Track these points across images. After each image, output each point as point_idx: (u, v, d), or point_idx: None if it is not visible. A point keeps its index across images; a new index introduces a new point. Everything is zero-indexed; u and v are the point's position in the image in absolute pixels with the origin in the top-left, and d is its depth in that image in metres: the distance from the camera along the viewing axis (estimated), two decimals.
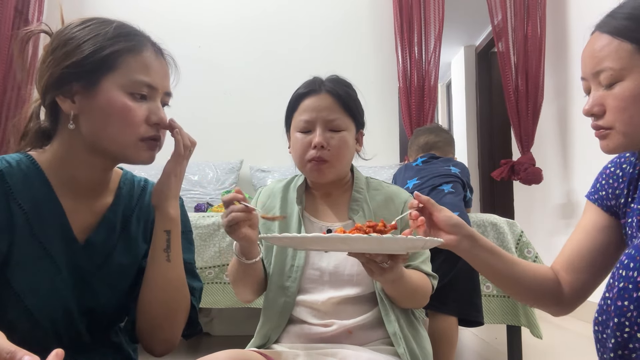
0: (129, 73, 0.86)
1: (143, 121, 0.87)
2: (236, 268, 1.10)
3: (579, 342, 2.62)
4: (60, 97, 0.85)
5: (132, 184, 1.00)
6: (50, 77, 0.84)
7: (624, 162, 0.95)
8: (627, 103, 0.80)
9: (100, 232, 0.91)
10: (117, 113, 0.85)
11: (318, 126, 1.13)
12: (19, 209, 0.83)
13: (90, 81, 0.84)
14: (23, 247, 0.82)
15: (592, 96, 0.85)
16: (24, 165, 0.87)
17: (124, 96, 0.85)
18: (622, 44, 0.80)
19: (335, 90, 1.15)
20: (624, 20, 0.81)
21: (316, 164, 1.13)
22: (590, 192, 1.00)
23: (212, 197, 3.24)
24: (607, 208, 0.96)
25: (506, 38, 3.57)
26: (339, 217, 1.18)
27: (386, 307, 1.09)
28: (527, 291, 0.97)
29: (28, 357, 0.56)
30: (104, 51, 0.84)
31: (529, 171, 3.46)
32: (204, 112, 3.59)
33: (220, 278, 2.03)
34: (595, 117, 0.85)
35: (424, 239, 0.89)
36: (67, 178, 0.89)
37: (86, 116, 0.85)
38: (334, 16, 3.81)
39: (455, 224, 0.91)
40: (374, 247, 0.88)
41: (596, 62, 0.83)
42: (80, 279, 0.88)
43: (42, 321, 0.82)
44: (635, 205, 0.88)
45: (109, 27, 0.87)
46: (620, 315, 0.73)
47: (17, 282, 0.81)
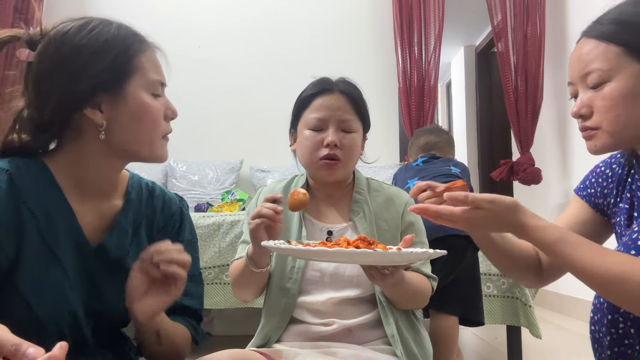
0: (146, 73, 0.86)
1: (163, 118, 0.89)
2: (242, 272, 1.10)
3: (578, 342, 2.63)
4: (88, 109, 0.82)
5: (140, 187, 0.98)
6: (73, 91, 0.81)
7: (614, 162, 0.97)
8: (615, 102, 0.82)
9: (112, 236, 0.90)
10: (147, 114, 0.85)
11: (331, 125, 1.13)
12: (29, 212, 0.82)
13: (117, 88, 0.83)
14: (32, 252, 0.81)
15: (580, 98, 0.87)
16: (34, 169, 0.85)
17: (149, 97, 0.86)
18: (609, 46, 0.82)
19: (348, 91, 1.16)
20: (610, 24, 0.84)
21: (328, 162, 1.12)
22: (580, 187, 1.02)
23: (212, 197, 3.24)
24: (594, 205, 0.98)
25: (506, 38, 3.57)
26: (340, 218, 1.18)
27: (385, 309, 1.09)
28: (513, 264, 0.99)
29: (33, 349, 0.56)
30: (123, 55, 0.84)
31: (528, 171, 3.47)
32: (204, 112, 3.60)
33: (220, 278, 2.02)
34: (583, 119, 0.87)
35: (428, 252, 0.90)
36: (77, 181, 0.87)
37: (115, 123, 0.84)
38: (334, 16, 3.82)
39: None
40: (379, 260, 0.89)
41: (584, 64, 0.85)
42: (89, 283, 0.87)
43: (48, 325, 0.81)
44: (623, 204, 0.90)
45: (112, 27, 0.85)
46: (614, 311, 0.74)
47: (24, 287, 0.80)
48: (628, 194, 0.90)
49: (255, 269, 1.06)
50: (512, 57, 3.57)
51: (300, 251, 0.89)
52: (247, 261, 1.06)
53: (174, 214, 0.99)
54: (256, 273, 1.07)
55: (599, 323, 0.78)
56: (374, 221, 1.16)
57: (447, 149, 2.18)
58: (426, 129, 2.39)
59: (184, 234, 1.00)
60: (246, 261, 1.06)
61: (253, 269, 1.06)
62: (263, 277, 1.11)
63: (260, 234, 0.98)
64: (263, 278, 1.12)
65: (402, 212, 1.18)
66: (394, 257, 0.88)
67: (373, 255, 0.84)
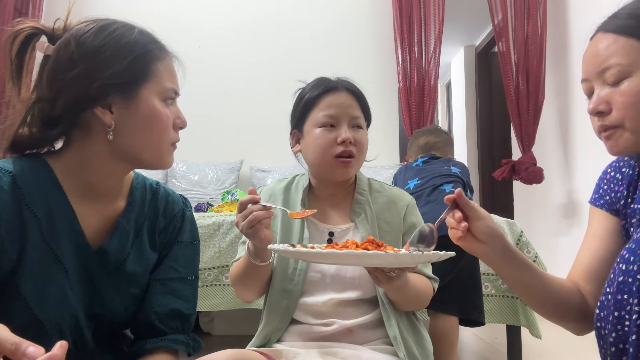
0: (161, 80, 0.86)
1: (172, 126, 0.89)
2: (244, 270, 1.10)
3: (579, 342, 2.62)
4: (99, 108, 0.83)
5: (143, 188, 0.98)
6: (87, 89, 0.81)
7: (623, 165, 0.94)
8: (637, 98, 0.78)
9: (114, 239, 0.90)
10: (157, 121, 0.85)
11: (343, 122, 1.13)
12: (31, 214, 0.81)
13: (130, 91, 0.83)
14: (34, 254, 0.81)
15: (597, 94, 0.83)
16: (37, 170, 0.84)
17: (161, 104, 0.86)
18: (629, 40, 0.79)
19: (353, 89, 1.17)
20: (628, 19, 0.81)
21: (343, 160, 1.12)
22: (594, 198, 0.98)
23: (212, 197, 3.24)
24: (614, 212, 0.94)
25: (507, 38, 3.57)
26: (341, 220, 1.18)
27: (387, 311, 1.08)
28: (555, 306, 0.92)
29: (32, 348, 0.56)
30: (141, 60, 0.84)
31: (529, 171, 3.46)
32: (204, 112, 3.59)
33: (220, 280, 2.01)
34: (601, 117, 0.83)
35: (438, 254, 0.89)
36: (80, 183, 0.87)
37: (124, 126, 0.84)
38: (334, 16, 3.82)
39: (493, 234, 0.86)
40: (390, 262, 0.89)
41: (602, 60, 0.81)
42: (90, 285, 0.87)
43: (49, 327, 0.81)
44: (635, 205, 0.88)
45: (134, 33, 0.86)
46: (620, 308, 0.73)
47: (26, 289, 0.80)
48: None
49: (261, 263, 1.06)
50: (513, 56, 3.57)
51: (311, 254, 0.89)
52: (249, 256, 1.06)
53: (175, 215, 0.99)
54: (259, 267, 1.06)
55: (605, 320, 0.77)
56: (376, 222, 1.15)
57: (446, 149, 2.18)
58: (425, 129, 2.40)
59: (183, 235, 0.99)
60: (248, 257, 1.06)
61: (256, 263, 1.05)
62: (266, 271, 1.11)
63: (258, 238, 0.99)
64: (266, 272, 1.11)
65: (403, 213, 1.18)
66: (405, 258, 0.87)
67: (385, 257, 0.84)
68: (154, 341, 0.91)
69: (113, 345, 0.94)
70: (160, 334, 0.92)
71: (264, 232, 0.98)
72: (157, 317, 0.91)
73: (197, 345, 0.97)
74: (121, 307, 0.90)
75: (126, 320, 0.93)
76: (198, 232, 1.04)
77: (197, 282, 1.01)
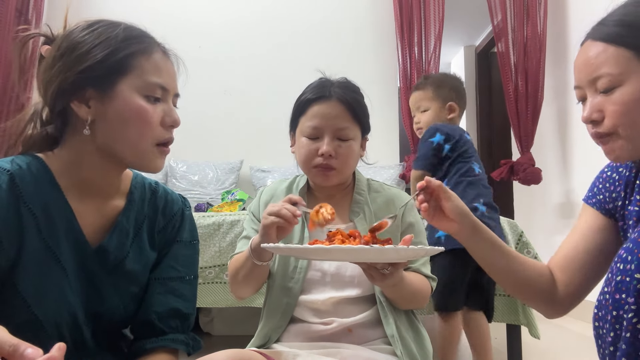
0: (143, 75, 0.85)
1: (159, 124, 0.86)
2: (243, 266, 1.10)
3: (578, 342, 2.63)
4: (75, 102, 0.83)
5: (143, 187, 0.98)
6: (63, 83, 0.82)
7: (620, 165, 0.95)
8: (629, 107, 0.79)
9: (113, 237, 0.90)
10: (135, 116, 0.83)
11: (326, 134, 1.12)
12: (29, 213, 0.81)
13: (106, 85, 0.83)
14: (32, 252, 0.81)
15: (590, 103, 0.84)
16: (34, 168, 0.85)
17: (140, 99, 0.84)
18: (618, 49, 0.79)
19: (345, 97, 1.14)
20: (615, 27, 0.81)
21: (322, 169, 1.13)
22: (588, 195, 1.00)
23: (212, 197, 3.24)
24: (605, 211, 0.96)
25: (506, 38, 3.57)
26: (340, 219, 1.18)
27: (385, 309, 1.09)
28: (522, 286, 0.98)
29: (31, 349, 0.55)
30: (118, 54, 0.83)
31: (528, 171, 3.46)
32: (204, 112, 3.60)
33: (221, 278, 2.03)
34: (594, 125, 0.84)
35: (425, 249, 0.91)
36: (77, 181, 0.87)
37: (102, 121, 0.84)
38: (335, 16, 3.82)
39: (460, 212, 0.93)
40: (376, 257, 0.89)
41: (593, 69, 0.82)
42: (89, 284, 0.87)
43: (47, 326, 0.81)
44: (632, 207, 0.88)
45: (117, 29, 0.85)
46: (618, 308, 0.73)
47: (24, 288, 0.79)
48: (637, 196, 0.88)
49: (258, 262, 1.06)
50: (512, 57, 3.57)
51: (298, 249, 0.90)
52: (250, 254, 1.06)
53: (175, 215, 0.99)
54: (258, 267, 1.07)
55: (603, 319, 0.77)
56: (374, 222, 1.16)
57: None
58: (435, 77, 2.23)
59: (182, 235, 0.99)
60: (249, 254, 1.07)
61: (256, 262, 1.06)
62: (264, 271, 1.11)
63: (272, 230, 0.99)
64: (264, 273, 1.12)
65: (402, 213, 1.18)
66: (390, 253, 0.87)
67: (369, 251, 0.84)
68: (153, 341, 0.90)
69: (112, 345, 0.94)
70: (159, 333, 0.92)
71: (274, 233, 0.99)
72: (157, 316, 0.91)
73: (197, 344, 0.97)
74: (120, 306, 0.90)
75: (125, 319, 0.93)
76: (197, 231, 1.04)
77: (197, 282, 1.01)
